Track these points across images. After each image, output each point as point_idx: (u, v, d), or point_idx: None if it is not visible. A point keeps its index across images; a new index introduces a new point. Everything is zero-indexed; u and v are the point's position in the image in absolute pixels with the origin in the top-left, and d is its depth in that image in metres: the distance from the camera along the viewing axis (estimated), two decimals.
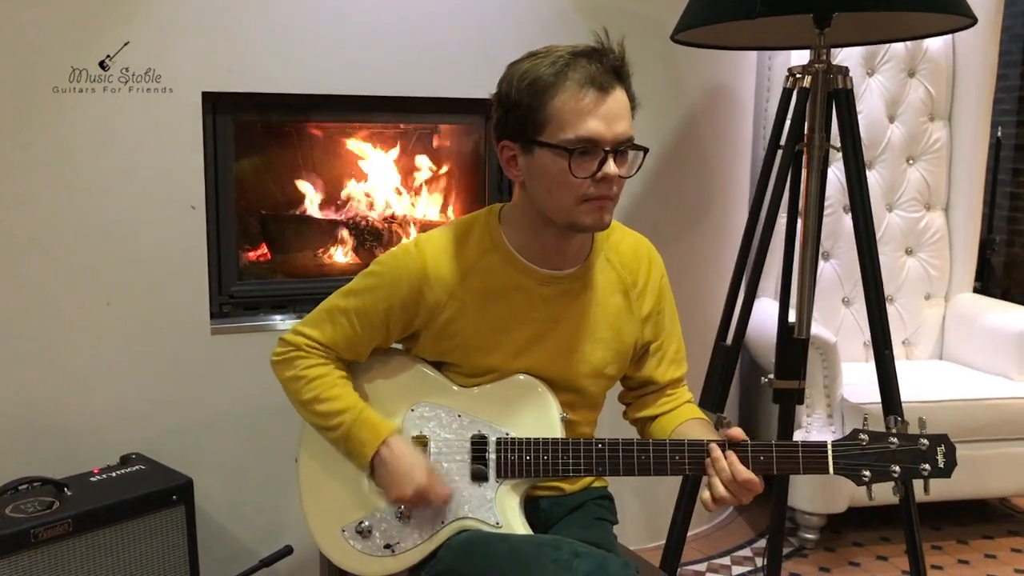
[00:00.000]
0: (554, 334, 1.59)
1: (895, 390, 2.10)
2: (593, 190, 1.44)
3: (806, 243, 2.14)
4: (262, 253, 2.65)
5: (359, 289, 1.60)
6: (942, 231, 3.50)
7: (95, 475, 2.14)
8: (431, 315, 1.56)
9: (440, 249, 1.57)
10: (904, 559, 2.90)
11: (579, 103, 1.41)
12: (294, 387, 1.61)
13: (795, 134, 2.12)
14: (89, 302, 2.25)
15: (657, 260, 1.70)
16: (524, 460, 1.54)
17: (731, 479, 1.44)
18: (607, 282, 1.63)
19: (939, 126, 3.45)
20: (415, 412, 1.61)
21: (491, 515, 1.55)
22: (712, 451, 1.47)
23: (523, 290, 1.57)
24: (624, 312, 1.64)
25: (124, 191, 2.23)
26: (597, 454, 1.52)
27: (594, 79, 1.41)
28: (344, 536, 1.60)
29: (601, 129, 1.41)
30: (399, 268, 1.57)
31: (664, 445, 1.50)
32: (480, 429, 1.58)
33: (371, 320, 1.58)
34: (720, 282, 3.05)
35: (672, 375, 1.71)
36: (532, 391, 1.59)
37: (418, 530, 1.58)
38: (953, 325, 3.49)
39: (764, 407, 3.27)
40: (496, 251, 1.57)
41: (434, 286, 1.55)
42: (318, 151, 2.68)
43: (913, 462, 1.43)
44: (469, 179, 2.77)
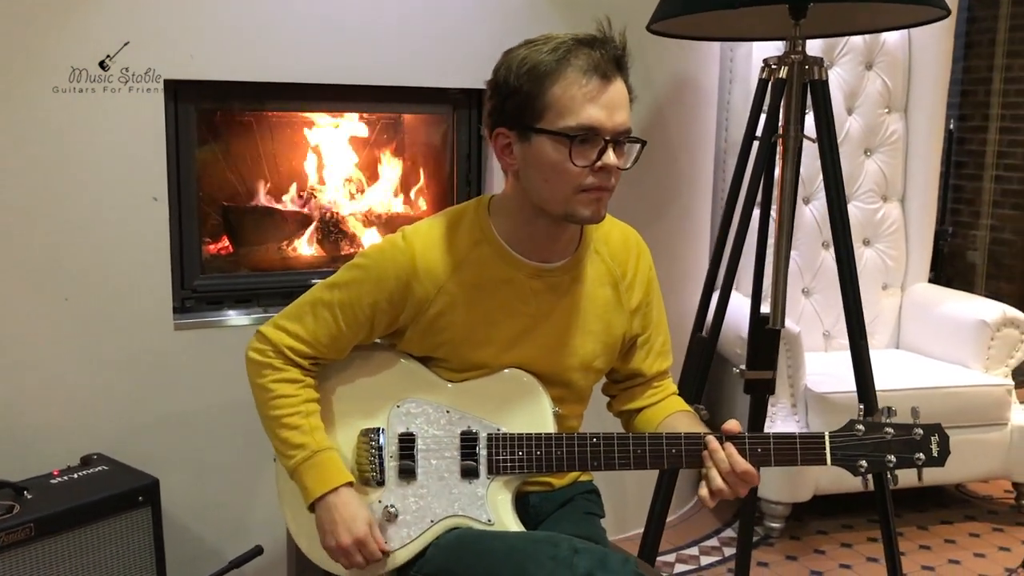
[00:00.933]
0: (544, 328, 1.56)
1: (870, 380, 2.11)
2: (591, 180, 1.42)
3: (781, 233, 2.15)
4: (224, 246, 2.58)
5: (344, 282, 1.54)
6: (898, 222, 3.55)
7: (55, 477, 2.05)
8: (419, 309, 1.52)
9: (429, 241, 1.53)
10: (867, 546, 2.97)
11: (581, 90, 1.38)
12: (260, 397, 1.56)
13: (770, 125, 2.12)
14: (47, 297, 2.16)
15: (645, 251, 1.68)
16: (516, 456, 1.51)
17: (730, 471, 1.43)
18: (596, 274, 1.60)
19: (896, 118, 3.49)
20: (401, 408, 1.57)
21: (483, 512, 1.52)
22: (710, 443, 1.45)
23: (513, 283, 1.54)
24: (613, 304, 1.62)
25: (83, 182, 2.15)
26: (592, 448, 1.50)
27: (597, 66, 1.39)
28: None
29: (602, 117, 1.39)
30: (386, 261, 1.52)
31: (660, 438, 1.49)
32: (470, 425, 1.54)
33: (356, 315, 1.53)
34: (688, 273, 3.06)
35: (659, 367, 1.70)
36: (523, 386, 1.56)
37: (405, 528, 1.54)
38: (910, 314, 3.54)
39: (728, 399, 3.29)
40: (486, 243, 1.54)
41: (423, 279, 1.51)
42: (281, 141, 2.61)
43: (908, 452, 1.44)
44: (436, 170, 2.73)
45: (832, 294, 3.45)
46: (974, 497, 3.40)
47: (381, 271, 1.51)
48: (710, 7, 2.00)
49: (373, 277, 1.52)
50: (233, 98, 2.39)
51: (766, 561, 2.87)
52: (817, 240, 3.43)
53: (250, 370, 1.58)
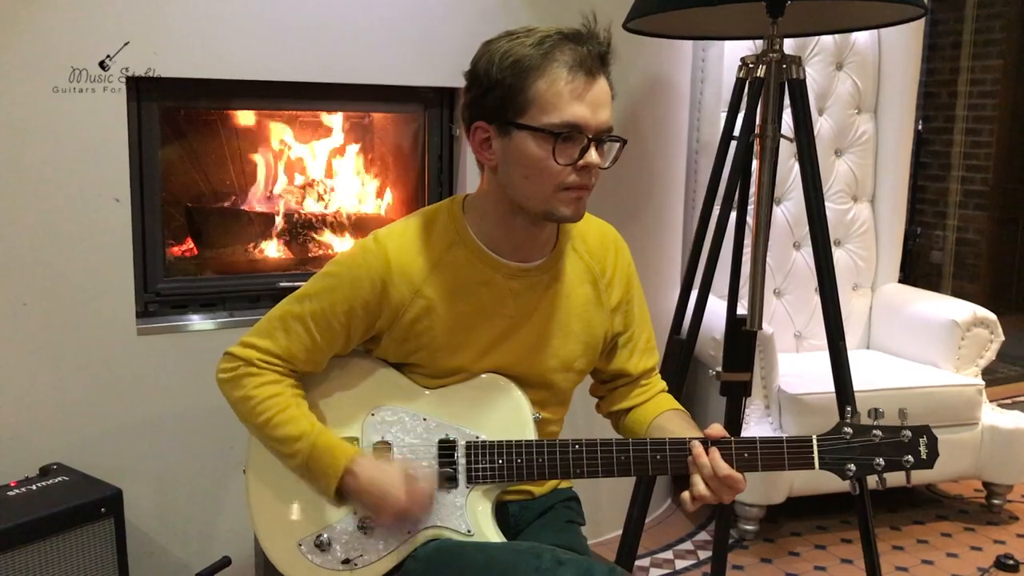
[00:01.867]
0: (524, 329, 1.52)
1: (849, 381, 2.09)
2: (573, 178, 1.39)
3: (758, 234, 2.12)
4: (188, 248, 2.50)
5: (315, 292, 1.48)
6: (868, 222, 3.55)
7: (12, 488, 1.98)
8: (395, 315, 1.47)
9: (403, 244, 1.48)
10: (841, 547, 2.96)
11: (567, 86, 1.35)
12: (244, 408, 1.49)
13: (748, 125, 2.09)
14: (3, 302, 2.08)
15: (624, 248, 1.64)
16: (496, 464, 1.47)
17: (712, 475, 1.39)
18: (575, 273, 1.57)
19: (866, 119, 3.49)
20: (375, 416, 1.52)
21: (462, 523, 1.47)
22: (694, 449, 1.42)
23: (491, 285, 1.49)
24: (593, 303, 1.58)
25: (41, 182, 2.07)
26: (574, 456, 1.46)
27: (583, 62, 1.35)
28: (301, 551, 1.50)
29: (587, 115, 1.36)
30: (359, 266, 1.47)
31: (644, 445, 1.45)
32: (447, 433, 1.50)
33: (331, 325, 1.47)
34: (661, 274, 3.03)
35: (644, 365, 1.66)
36: (502, 391, 1.52)
37: (383, 541, 1.49)
38: (880, 315, 3.54)
39: (701, 401, 3.27)
40: (462, 244, 1.49)
41: (398, 283, 1.46)
42: (247, 140, 2.55)
43: (896, 454, 1.42)
44: (407, 170, 2.67)
45: (804, 295, 3.45)
46: (945, 497, 3.41)
47: (354, 276, 1.46)
48: (689, 4, 1.97)
49: (346, 283, 1.46)
50: (197, 96, 2.32)
51: (741, 564, 2.85)
52: (788, 240, 3.42)
53: (226, 390, 1.52)
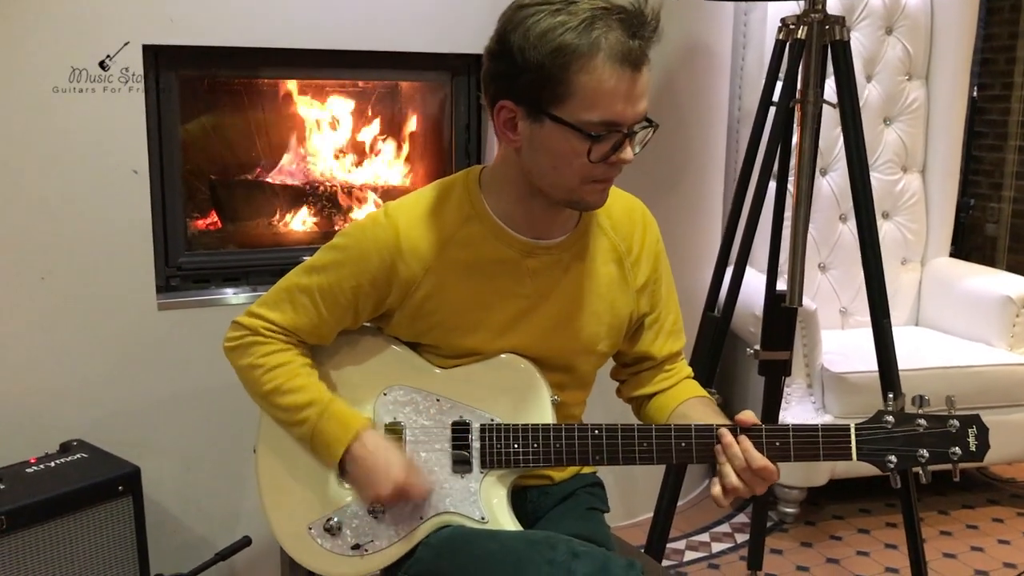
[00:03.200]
0: (542, 309, 1.43)
1: (894, 361, 1.99)
2: (603, 171, 1.30)
3: (799, 206, 2.02)
4: (212, 221, 2.46)
5: (323, 264, 1.42)
6: (919, 194, 3.40)
7: (32, 465, 1.95)
8: (405, 292, 1.40)
9: (414, 218, 1.40)
10: (886, 531, 2.86)
11: (612, 83, 1.22)
12: (251, 376, 1.43)
13: (788, 90, 1.98)
14: (22, 277, 2.04)
15: (652, 224, 1.54)
16: (512, 449, 1.39)
17: (745, 467, 1.30)
18: (600, 250, 1.47)
19: (917, 85, 3.34)
20: (388, 396, 1.45)
21: (475, 509, 1.40)
22: (723, 436, 1.32)
23: (507, 262, 1.41)
24: (618, 282, 1.48)
25: (59, 154, 2.03)
26: (594, 441, 1.37)
27: (631, 55, 1.22)
28: (311, 534, 1.44)
29: (627, 112, 1.26)
30: (368, 240, 1.39)
31: (668, 431, 1.36)
32: (462, 414, 1.42)
33: (337, 300, 1.41)
34: (698, 247, 2.93)
35: (670, 349, 1.56)
36: (519, 372, 1.44)
37: (393, 527, 1.42)
38: (930, 290, 3.41)
39: (740, 381, 3.17)
40: (477, 219, 1.41)
41: (408, 260, 1.38)
42: (271, 111, 2.48)
43: (942, 446, 1.31)
44: (433, 141, 2.60)
45: (849, 269, 3.32)
46: (998, 481, 3.28)
47: (362, 251, 1.39)
48: None
49: (354, 258, 1.39)
50: (219, 65, 2.26)
51: (780, 548, 2.76)
52: (835, 213, 3.29)
53: (232, 358, 1.47)
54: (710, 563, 2.68)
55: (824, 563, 2.69)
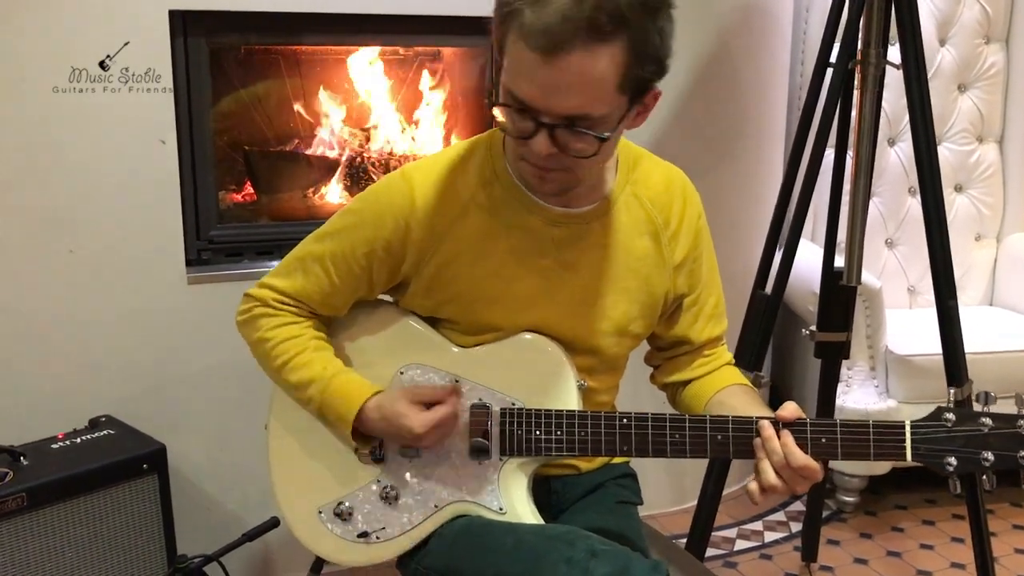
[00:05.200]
0: (568, 284, 1.34)
1: (959, 346, 1.84)
2: (524, 151, 1.20)
3: (858, 176, 1.87)
4: (247, 193, 2.40)
5: (335, 230, 1.35)
6: (995, 166, 3.20)
7: (58, 441, 1.92)
8: (420, 259, 1.32)
9: (431, 180, 1.32)
10: (952, 523, 2.70)
11: (518, 48, 1.10)
12: (261, 351, 1.38)
13: (847, 50, 1.83)
14: (49, 250, 2.01)
15: (694, 197, 1.42)
16: (534, 436, 1.30)
17: (784, 464, 1.18)
18: (633, 222, 1.36)
19: (995, 49, 3.13)
20: (404, 376, 1.37)
21: (494, 499, 1.32)
22: (763, 430, 1.21)
23: (530, 230, 1.32)
24: (653, 258, 1.37)
25: (86, 126, 1.98)
26: (622, 431, 1.27)
27: (543, 36, 1.07)
28: (321, 518, 1.38)
29: (535, 97, 1.12)
30: (382, 203, 1.32)
31: (704, 422, 1.25)
32: (481, 396, 1.34)
33: (350, 267, 1.33)
34: (752, 222, 2.78)
35: (710, 333, 1.45)
36: (543, 354, 1.34)
37: (407, 514, 1.35)
38: (1006, 268, 3.21)
39: (799, 364, 3.02)
40: (498, 183, 1.32)
41: (424, 223, 1.30)
42: (307, 79, 2.41)
43: (1010, 448, 1.17)
44: (474, 109, 2.49)
45: (919, 246, 3.09)
46: None
47: (376, 214, 1.32)
48: None
49: (368, 222, 1.32)
50: (250, 31, 2.19)
51: (837, 539, 2.62)
52: (903, 186, 3.11)
53: (244, 333, 1.42)
54: (762, 553, 2.56)
55: (884, 556, 2.55)
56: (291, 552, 2.28)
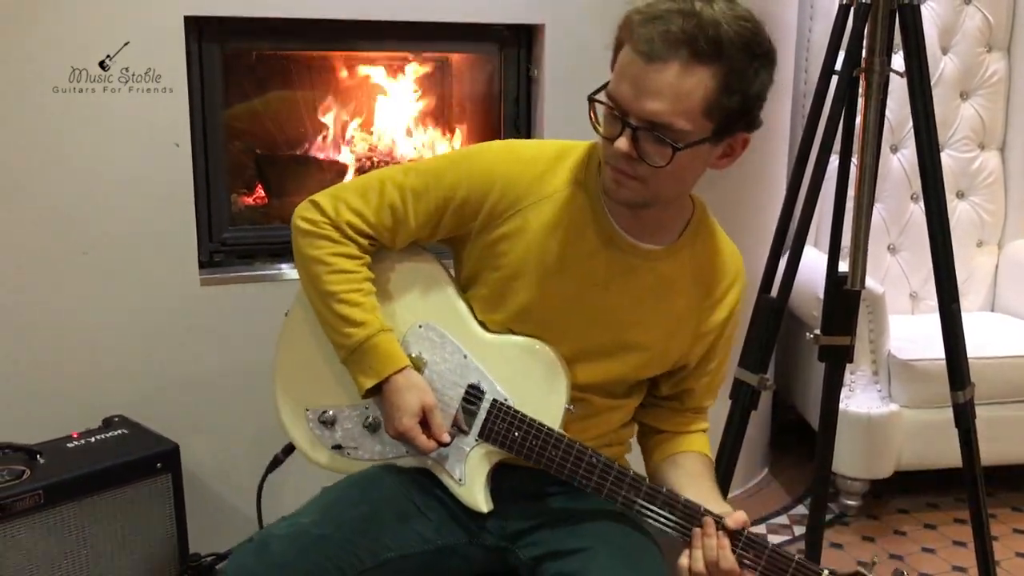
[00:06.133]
0: (599, 302, 1.40)
1: (962, 349, 1.86)
2: (608, 153, 1.28)
3: (862, 182, 1.89)
4: (258, 196, 2.43)
5: (425, 168, 1.43)
6: (996, 173, 3.23)
7: (73, 440, 1.95)
8: (488, 222, 1.39)
9: (528, 157, 1.41)
10: (954, 527, 2.72)
11: (625, 64, 1.24)
12: (314, 270, 1.41)
13: (851, 59, 1.86)
14: (64, 252, 2.04)
15: (742, 280, 1.50)
16: (511, 435, 1.38)
17: (715, 562, 1.27)
18: (682, 280, 1.43)
19: (997, 58, 3.17)
20: (421, 330, 1.45)
21: (457, 468, 1.41)
22: (706, 525, 1.29)
23: (590, 243, 1.39)
24: (687, 320, 1.45)
25: (98, 129, 2.02)
26: (586, 466, 1.35)
27: (647, 44, 1.20)
28: (307, 416, 1.49)
29: (627, 96, 1.23)
30: (475, 158, 1.42)
31: (658, 494, 1.33)
32: (480, 380, 1.41)
33: (427, 206, 1.40)
34: (757, 227, 2.80)
35: (700, 403, 1.55)
36: (547, 367, 1.41)
37: (380, 445, 1.46)
38: (1007, 274, 3.24)
39: (803, 367, 3.05)
40: (583, 189, 1.39)
41: (507, 191, 1.38)
42: (318, 85, 2.45)
43: None
44: (482, 115, 2.53)
45: (921, 251, 3.14)
46: None
47: (470, 165, 1.40)
48: None
49: (459, 170, 1.40)
50: (263, 37, 2.23)
51: (840, 542, 2.65)
52: (906, 192, 3.15)
53: (300, 241, 1.44)
54: None
55: (887, 559, 2.58)
56: None
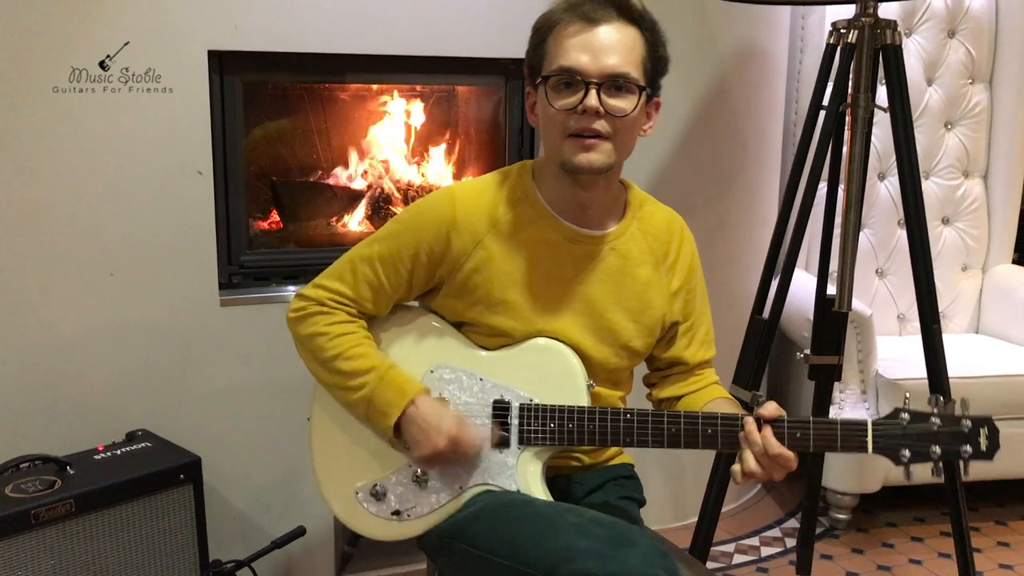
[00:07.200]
0: (579, 298, 1.51)
1: (943, 367, 1.98)
2: (574, 124, 1.40)
3: (848, 210, 2.02)
4: (273, 221, 2.54)
5: (384, 236, 1.53)
6: (980, 200, 3.35)
7: (100, 452, 2.04)
8: (455, 264, 1.49)
9: (470, 195, 1.52)
10: (940, 540, 2.82)
11: (566, 33, 1.39)
12: (314, 344, 1.51)
13: (838, 94, 1.98)
14: (92, 273, 2.14)
15: (689, 237, 1.62)
16: (548, 428, 1.47)
17: (763, 453, 1.36)
18: (638, 252, 1.55)
19: (979, 89, 3.29)
20: (435, 374, 1.53)
21: (511, 482, 1.48)
22: (747, 424, 1.39)
23: (551, 245, 1.50)
24: (654, 284, 1.56)
25: (128, 157, 2.12)
26: (625, 424, 1.44)
27: (585, 12, 1.39)
28: (358, 498, 1.54)
29: (583, 60, 1.38)
30: (427, 213, 1.51)
31: (696, 417, 1.42)
32: (502, 394, 1.50)
33: (396, 267, 1.50)
34: (750, 251, 2.93)
35: (702, 356, 1.64)
36: (557, 356, 1.51)
37: (435, 495, 1.51)
38: (991, 297, 3.35)
39: (794, 385, 3.15)
40: (527, 202, 1.51)
41: (461, 232, 1.48)
42: (331, 114, 2.56)
43: (955, 443, 1.36)
44: (488, 144, 2.64)
45: (908, 275, 3.20)
46: None
47: (422, 221, 1.50)
48: None
49: (413, 227, 1.50)
50: (281, 70, 2.34)
51: (830, 554, 2.74)
52: (893, 218, 3.26)
53: (295, 327, 1.55)
54: (759, 567, 2.67)
55: (875, 570, 2.67)
56: (313, 559, 2.40)
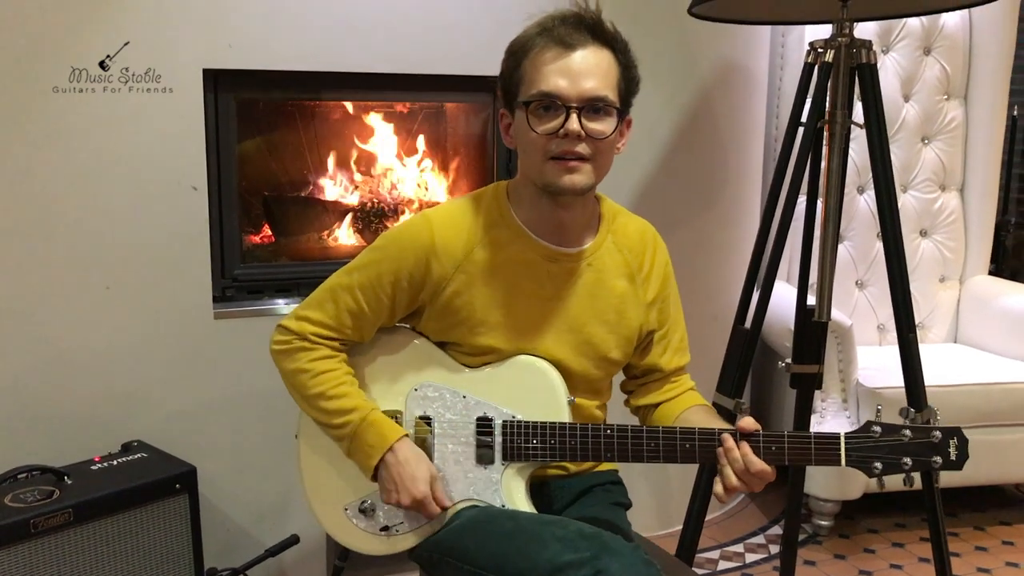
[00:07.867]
0: (559, 314, 1.55)
1: (919, 375, 2.04)
2: (555, 147, 1.43)
3: (827, 224, 2.08)
4: (265, 235, 2.58)
5: (363, 264, 1.55)
6: (957, 212, 3.43)
7: (96, 463, 2.08)
8: (436, 288, 1.52)
9: (447, 221, 1.54)
10: (920, 545, 2.87)
11: (544, 59, 1.42)
12: (298, 381, 1.55)
13: (816, 111, 2.05)
14: (88, 286, 2.18)
15: (662, 246, 1.67)
16: (531, 444, 1.51)
17: (744, 470, 1.40)
18: (613, 265, 1.59)
19: (955, 105, 3.37)
20: (419, 392, 1.57)
21: (496, 498, 1.52)
22: (725, 441, 1.43)
23: (530, 265, 1.54)
24: (630, 297, 1.60)
25: (123, 172, 2.17)
26: (605, 440, 1.49)
27: (561, 37, 1.42)
28: (347, 515, 1.57)
29: (562, 85, 1.41)
30: (405, 239, 1.53)
31: (674, 432, 1.47)
32: (485, 411, 1.54)
33: (377, 295, 1.53)
34: (733, 264, 2.99)
35: (677, 363, 1.68)
36: (538, 374, 1.55)
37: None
38: (968, 308, 3.43)
39: (777, 393, 3.21)
40: (503, 224, 1.54)
41: (441, 258, 1.51)
42: (322, 130, 2.61)
43: (925, 454, 1.41)
44: (476, 160, 2.70)
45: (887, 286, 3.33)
46: None
47: (400, 248, 1.52)
48: None
49: (392, 255, 1.52)
50: (274, 87, 2.39)
51: (813, 560, 2.80)
52: (872, 231, 3.33)
53: (279, 361, 1.58)
54: (744, 573, 2.73)
55: (857, 575, 2.72)
56: (305, 567, 2.44)
